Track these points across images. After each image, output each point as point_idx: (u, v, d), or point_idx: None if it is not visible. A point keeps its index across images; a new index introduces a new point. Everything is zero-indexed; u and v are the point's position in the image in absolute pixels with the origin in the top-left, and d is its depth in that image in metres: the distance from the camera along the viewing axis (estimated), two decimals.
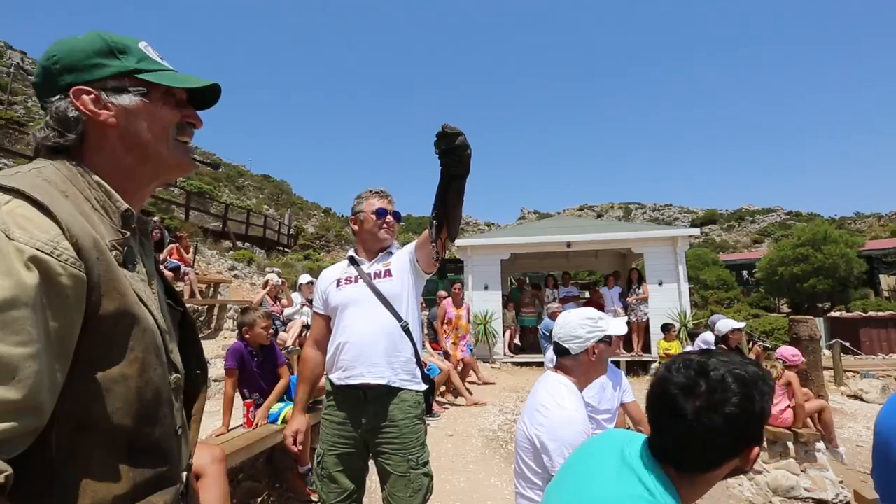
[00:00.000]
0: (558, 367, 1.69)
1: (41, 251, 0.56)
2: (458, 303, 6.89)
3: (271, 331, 3.30)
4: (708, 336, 5.61)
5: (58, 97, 0.73)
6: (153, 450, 0.70)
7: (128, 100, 0.76)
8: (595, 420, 2.49)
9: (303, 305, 6.51)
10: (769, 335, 10.00)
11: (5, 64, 28.08)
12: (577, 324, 1.63)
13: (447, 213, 1.49)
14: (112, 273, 0.65)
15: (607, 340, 1.65)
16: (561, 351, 1.66)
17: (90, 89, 0.74)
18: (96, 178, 0.74)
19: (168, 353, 0.75)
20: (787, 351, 4.49)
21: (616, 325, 1.69)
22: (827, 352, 8.73)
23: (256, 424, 3.12)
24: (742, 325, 5.00)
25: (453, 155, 1.29)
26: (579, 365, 1.63)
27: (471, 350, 7.23)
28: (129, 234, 0.73)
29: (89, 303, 0.62)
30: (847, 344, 8.20)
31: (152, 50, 0.81)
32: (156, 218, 8.72)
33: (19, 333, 0.52)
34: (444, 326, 6.72)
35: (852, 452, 4.70)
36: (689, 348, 6.77)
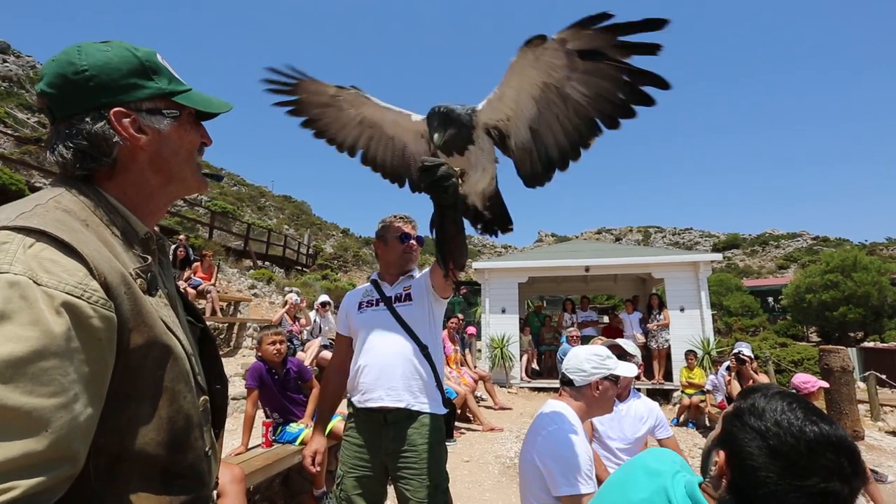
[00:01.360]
0: (561, 395, 1.76)
1: (71, 294, 0.55)
2: (452, 338, 6.79)
3: (279, 347, 3.24)
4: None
5: (90, 117, 0.69)
6: (187, 473, 0.71)
7: (162, 122, 0.74)
8: (608, 447, 2.44)
9: (316, 311, 6.66)
10: (798, 365, 9.58)
11: None
12: (583, 358, 1.72)
13: (446, 244, 1.49)
14: (140, 306, 0.64)
15: (613, 379, 1.71)
16: (566, 381, 1.74)
17: (129, 112, 0.71)
18: (115, 202, 0.72)
19: (195, 376, 0.74)
20: (799, 378, 4.13)
21: (625, 367, 1.76)
22: (861, 384, 8.32)
23: (272, 442, 3.13)
24: (727, 362, 5.00)
25: (436, 187, 1.31)
26: (582, 397, 1.71)
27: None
28: (150, 259, 0.72)
29: (120, 340, 0.61)
30: (883, 377, 7.77)
31: (166, 62, 0.78)
32: (182, 236, 8.99)
33: (49, 384, 0.51)
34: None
35: (894, 493, 4.42)
36: (712, 377, 6.54)
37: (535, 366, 10.06)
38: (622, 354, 2.33)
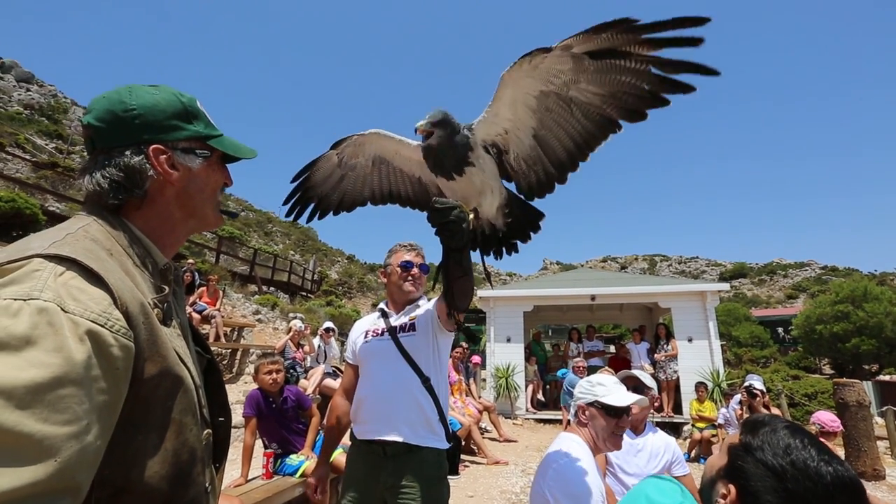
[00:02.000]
0: (569, 427, 1.76)
1: (95, 322, 0.56)
2: (457, 367, 6.74)
3: (275, 377, 3.20)
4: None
5: (129, 151, 0.74)
6: None
7: (194, 161, 0.79)
8: (622, 482, 2.37)
9: (320, 337, 6.62)
10: (811, 399, 9.31)
11: (69, 118, 30.86)
12: (578, 384, 1.78)
13: (449, 285, 1.48)
14: (155, 336, 0.65)
15: (599, 406, 1.67)
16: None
17: (166, 149, 0.76)
18: (138, 233, 0.75)
19: (201, 409, 0.74)
20: (826, 416, 3.90)
21: (618, 397, 1.68)
22: (879, 419, 8.06)
23: (272, 473, 3.06)
24: (738, 395, 4.92)
25: (446, 230, 1.29)
26: (583, 426, 1.70)
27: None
28: (167, 289, 0.74)
29: (134, 369, 0.61)
30: None
31: (204, 108, 0.84)
32: (190, 261, 9.06)
33: (64, 412, 0.51)
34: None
35: None
36: (723, 411, 6.37)
37: (540, 396, 9.86)
38: (638, 386, 2.29)
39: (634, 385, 2.29)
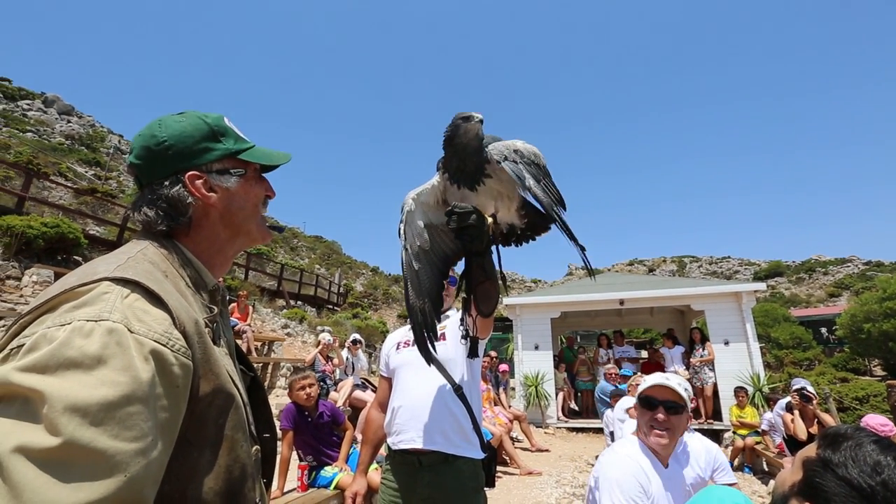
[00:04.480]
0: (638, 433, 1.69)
1: (158, 342, 0.59)
2: (485, 376, 6.69)
3: (308, 392, 3.25)
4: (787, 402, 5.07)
5: (168, 181, 0.76)
6: None
7: (230, 181, 0.81)
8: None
9: (347, 349, 6.65)
10: (863, 402, 8.79)
11: (106, 146, 32.51)
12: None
13: (473, 290, 1.47)
14: (209, 354, 0.67)
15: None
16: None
17: (201, 174, 0.78)
18: (189, 255, 0.78)
19: (250, 426, 0.76)
20: (875, 420, 3.67)
21: (644, 385, 1.79)
22: None
23: (307, 486, 3.09)
24: (789, 398, 4.85)
25: (464, 234, 1.29)
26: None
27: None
28: (217, 310, 0.76)
29: (191, 387, 0.64)
30: None
31: (232, 124, 0.85)
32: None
33: (132, 429, 0.53)
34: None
35: None
36: (768, 416, 6.09)
37: (572, 404, 9.66)
38: None
39: None
